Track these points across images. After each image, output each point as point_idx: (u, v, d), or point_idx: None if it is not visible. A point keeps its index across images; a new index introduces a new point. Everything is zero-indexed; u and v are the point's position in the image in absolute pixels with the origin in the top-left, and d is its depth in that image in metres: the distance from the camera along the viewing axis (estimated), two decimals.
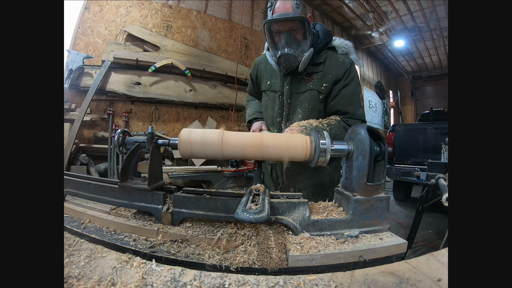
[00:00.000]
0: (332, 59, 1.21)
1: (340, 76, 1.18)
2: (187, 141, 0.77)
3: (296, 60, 1.12)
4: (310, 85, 1.19)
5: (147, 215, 0.83)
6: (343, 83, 1.19)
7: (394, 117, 12.20)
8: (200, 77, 4.29)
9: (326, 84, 1.18)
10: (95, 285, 0.47)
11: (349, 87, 1.19)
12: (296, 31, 1.13)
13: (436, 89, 11.93)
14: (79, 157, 3.31)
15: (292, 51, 1.10)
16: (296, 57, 1.11)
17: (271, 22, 1.11)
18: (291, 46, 1.11)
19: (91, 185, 0.90)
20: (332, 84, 1.19)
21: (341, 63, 1.20)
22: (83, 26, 3.67)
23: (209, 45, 4.66)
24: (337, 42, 1.25)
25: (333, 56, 1.22)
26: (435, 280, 0.49)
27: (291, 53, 1.09)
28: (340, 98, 1.19)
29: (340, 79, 1.18)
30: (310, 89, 1.19)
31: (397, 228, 3.27)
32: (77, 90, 3.48)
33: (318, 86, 1.19)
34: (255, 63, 1.41)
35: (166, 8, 4.29)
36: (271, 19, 1.10)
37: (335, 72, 1.18)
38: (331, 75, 1.18)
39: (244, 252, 0.67)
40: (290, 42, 1.11)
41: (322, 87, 1.19)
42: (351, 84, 1.19)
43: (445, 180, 1.28)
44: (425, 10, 7.08)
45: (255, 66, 1.40)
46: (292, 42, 1.11)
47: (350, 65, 1.21)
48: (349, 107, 1.19)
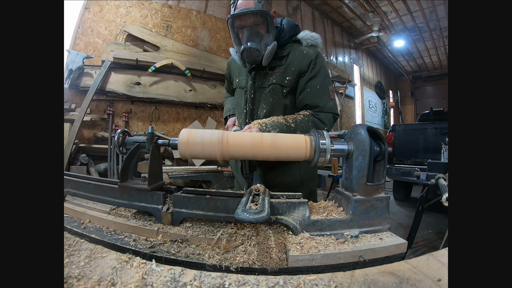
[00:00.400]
0: (296, 51, 1.17)
1: (304, 68, 1.14)
2: (187, 141, 0.77)
3: (259, 54, 1.10)
4: (272, 79, 1.17)
5: (147, 215, 0.83)
6: (309, 75, 1.14)
7: (394, 117, 12.21)
8: (200, 77, 4.29)
9: (289, 77, 1.15)
10: (95, 285, 0.47)
11: (315, 79, 1.14)
12: (259, 25, 1.12)
13: (436, 89, 11.94)
14: (79, 157, 3.31)
15: (255, 45, 1.09)
16: (259, 51, 1.09)
17: (234, 17, 1.11)
18: (253, 40, 1.10)
19: (91, 185, 0.90)
20: (296, 77, 1.15)
21: (304, 55, 1.15)
22: (83, 26, 3.68)
23: (209, 45, 4.67)
24: (301, 34, 1.22)
25: (296, 48, 1.18)
26: (435, 280, 0.49)
27: (253, 47, 1.08)
28: (307, 92, 1.15)
29: (305, 71, 1.14)
30: (273, 83, 1.16)
31: (397, 228, 3.26)
32: (77, 90, 3.48)
33: (281, 80, 1.16)
34: (228, 62, 1.42)
35: (166, 8, 4.29)
36: (233, 14, 1.10)
37: (298, 64, 1.15)
38: (294, 68, 1.15)
39: (244, 252, 0.67)
40: (253, 36, 1.10)
41: (286, 80, 1.15)
42: (318, 76, 1.15)
43: (445, 180, 1.28)
44: (425, 10, 7.09)
45: (228, 66, 1.42)
46: (255, 36, 1.11)
47: (315, 56, 1.15)
48: (317, 100, 1.14)
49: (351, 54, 8.91)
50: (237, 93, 1.33)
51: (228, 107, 1.45)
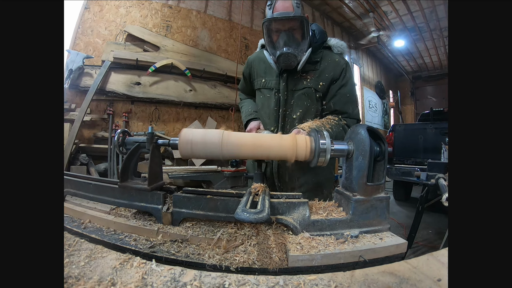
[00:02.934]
0: (328, 58, 1.22)
1: (337, 76, 1.20)
2: (187, 141, 0.77)
3: (296, 59, 1.12)
4: (307, 83, 1.20)
5: (147, 215, 0.83)
6: (340, 83, 1.20)
7: (394, 117, 12.19)
8: (200, 77, 4.29)
9: (323, 82, 1.20)
10: (95, 285, 0.47)
11: (346, 87, 1.21)
12: (295, 30, 1.13)
13: (436, 89, 11.93)
14: (79, 157, 3.31)
15: (292, 50, 1.10)
16: (296, 56, 1.11)
17: (271, 20, 1.11)
18: (290, 45, 1.11)
19: (91, 185, 0.90)
20: (329, 83, 1.20)
21: (337, 63, 1.21)
22: (83, 26, 3.67)
23: (209, 45, 4.66)
24: (332, 42, 1.27)
25: (329, 55, 1.23)
26: (435, 280, 0.49)
27: (291, 52, 1.10)
28: (338, 98, 1.21)
29: (337, 78, 1.20)
30: (307, 86, 1.20)
31: (397, 228, 3.26)
32: (77, 90, 3.47)
33: (315, 84, 1.20)
34: (248, 60, 1.40)
35: (166, 8, 4.29)
36: (272, 18, 1.10)
37: (332, 71, 1.20)
38: (328, 74, 1.20)
39: (244, 252, 0.67)
40: (290, 41, 1.11)
41: (319, 85, 1.20)
42: (348, 85, 1.22)
43: (445, 180, 1.28)
44: (425, 10, 7.08)
45: (248, 64, 1.39)
46: (292, 42, 1.12)
47: (346, 65, 1.23)
48: (347, 107, 1.21)
49: (351, 54, 8.90)
50: (262, 94, 1.31)
51: (249, 111, 1.38)
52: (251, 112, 1.38)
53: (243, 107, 1.46)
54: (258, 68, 1.33)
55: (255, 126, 1.30)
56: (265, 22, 1.14)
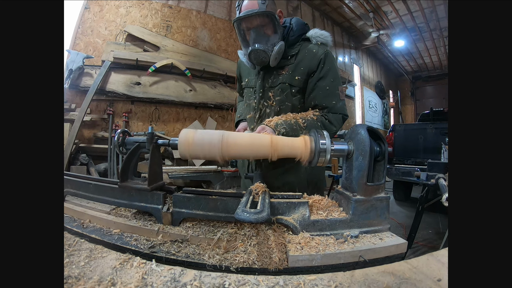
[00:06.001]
0: (305, 50, 1.16)
1: (314, 68, 1.13)
2: (187, 141, 0.77)
3: (267, 55, 1.10)
4: (281, 78, 1.17)
5: (147, 215, 0.83)
6: (318, 75, 1.13)
7: (394, 117, 12.20)
8: (200, 77, 4.29)
9: (298, 76, 1.14)
10: (95, 285, 0.47)
11: (324, 80, 1.13)
12: (265, 26, 1.12)
13: (436, 89, 11.93)
14: (79, 157, 3.31)
15: (262, 46, 1.09)
16: (266, 52, 1.09)
17: (239, 20, 1.12)
18: (260, 42, 1.10)
19: (91, 185, 0.90)
20: (306, 76, 1.14)
21: (313, 54, 1.14)
22: (83, 26, 3.68)
23: (209, 45, 4.66)
24: (311, 32, 1.22)
25: (306, 47, 1.17)
26: (435, 280, 0.49)
27: (260, 48, 1.09)
28: (316, 92, 1.14)
29: (314, 71, 1.13)
30: (282, 82, 1.16)
31: (397, 228, 3.26)
32: (77, 90, 3.48)
33: (290, 79, 1.15)
34: (238, 63, 1.42)
35: (166, 8, 4.29)
36: (238, 17, 1.11)
37: (308, 63, 1.13)
38: (303, 67, 1.14)
39: (244, 252, 0.67)
40: (259, 38, 1.11)
41: (295, 79, 1.14)
42: (327, 77, 1.13)
43: (445, 180, 1.28)
44: (425, 10, 7.09)
45: (238, 66, 1.41)
46: (261, 38, 1.11)
47: (325, 55, 1.13)
48: (326, 101, 1.13)
49: (351, 54, 8.91)
50: (245, 93, 1.32)
51: (239, 112, 1.41)
52: (241, 113, 1.40)
53: (237, 109, 1.48)
54: (244, 69, 1.34)
55: (243, 127, 1.31)
56: (235, 23, 1.15)
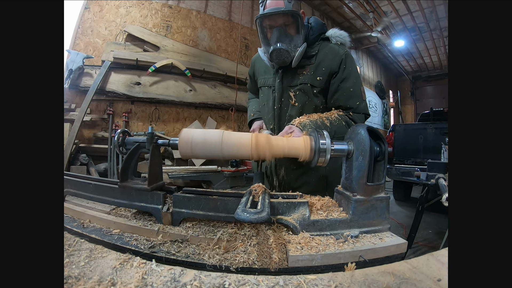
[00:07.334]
0: (325, 50, 1.16)
1: (335, 69, 1.13)
2: (187, 141, 0.77)
3: (289, 55, 1.09)
4: (303, 79, 1.15)
5: (147, 215, 0.83)
6: (341, 76, 1.13)
7: (394, 117, 12.20)
8: (200, 77, 4.30)
9: (320, 77, 1.13)
10: (95, 285, 0.47)
11: (348, 81, 1.13)
12: (289, 26, 1.10)
13: (436, 89, 11.93)
14: (79, 157, 3.31)
15: (285, 46, 1.07)
16: (289, 52, 1.08)
17: (263, 17, 1.10)
18: (283, 41, 1.08)
19: (91, 185, 0.90)
20: (328, 77, 1.14)
21: (334, 54, 1.14)
22: (83, 26, 3.68)
23: (209, 45, 4.67)
24: (330, 32, 1.21)
25: (326, 47, 1.17)
26: (435, 280, 0.49)
27: (283, 48, 1.07)
28: (340, 93, 1.14)
29: (336, 71, 1.13)
30: (303, 82, 1.15)
31: (397, 228, 3.26)
32: (77, 90, 3.48)
33: (312, 80, 1.14)
34: (252, 60, 1.41)
35: (166, 8, 4.29)
36: (263, 14, 1.09)
37: (329, 63, 1.13)
38: (325, 67, 1.13)
39: (244, 252, 0.67)
40: (282, 37, 1.09)
41: (317, 80, 1.14)
42: (350, 78, 1.14)
43: (445, 180, 1.28)
44: (425, 10, 7.09)
45: (252, 64, 1.40)
46: (285, 37, 1.09)
47: (345, 55, 1.14)
48: (351, 102, 1.14)
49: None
50: (262, 92, 1.30)
51: (253, 110, 1.39)
52: (255, 111, 1.37)
53: (248, 107, 1.45)
54: (259, 67, 1.33)
55: (258, 126, 1.29)
56: (257, 20, 1.12)
